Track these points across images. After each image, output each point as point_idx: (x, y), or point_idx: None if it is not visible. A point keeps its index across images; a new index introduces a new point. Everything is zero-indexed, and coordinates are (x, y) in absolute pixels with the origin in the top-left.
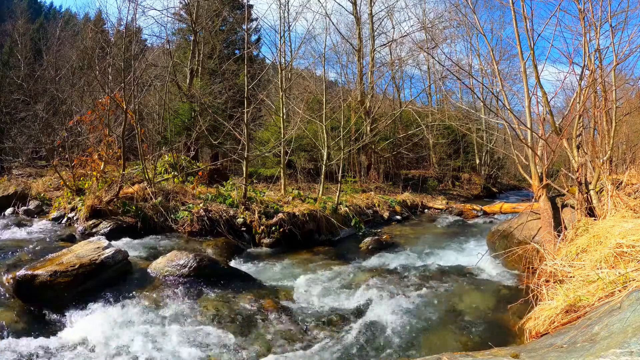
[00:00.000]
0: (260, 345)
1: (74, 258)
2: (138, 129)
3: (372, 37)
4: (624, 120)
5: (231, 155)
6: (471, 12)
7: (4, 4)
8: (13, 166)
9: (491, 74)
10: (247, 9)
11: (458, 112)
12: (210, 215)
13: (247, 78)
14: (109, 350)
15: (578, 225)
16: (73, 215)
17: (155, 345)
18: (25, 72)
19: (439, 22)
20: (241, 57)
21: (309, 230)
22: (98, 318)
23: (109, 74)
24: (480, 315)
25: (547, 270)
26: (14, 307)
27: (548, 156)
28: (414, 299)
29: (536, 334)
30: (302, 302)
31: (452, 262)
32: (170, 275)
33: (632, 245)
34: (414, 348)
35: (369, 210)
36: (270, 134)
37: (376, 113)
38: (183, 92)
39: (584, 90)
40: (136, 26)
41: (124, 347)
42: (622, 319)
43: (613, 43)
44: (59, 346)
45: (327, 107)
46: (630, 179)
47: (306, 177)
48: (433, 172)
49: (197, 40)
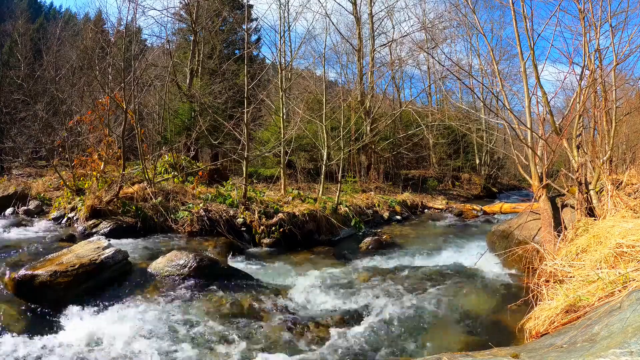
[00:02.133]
0: (260, 344)
1: (74, 258)
2: (138, 129)
3: (372, 37)
4: (624, 120)
5: (231, 155)
6: (471, 12)
7: (4, 4)
8: (13, 166)
9: (491, 74)
10: (247, 9)
11: (458, 112)
12: (210, 215)
13: (247, 78)
14: (109, 350)
15: (578, 225)
16: (73, 215)
17: (155, 344)
18: (25, 72)
19: (439, 22)
20: (241, 57)
21: (309, 230)
22: (98, 318)
23: (109, 74)
24: (480, 315)
25: (547, 270)
26: (14, 307)
27: (548, 156)
28: (414, 299)
29: (536, 334)
30: (302, 302)
31: (452, 262)
32: (170, 275)
33: (632, 245)
34: (414, 348)
35: (369, 210)
36: (270, 134)
37: (376, 113)
38: (183, 92)
39: (584, 90)
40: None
41: (124, 347)
42: (622, 319)
43: (613, 43)
44: (59, 346)
45: (327, 107)
46: (630, 179)
47: (306, 177)
48: (433, 172)
49: (197, 40)
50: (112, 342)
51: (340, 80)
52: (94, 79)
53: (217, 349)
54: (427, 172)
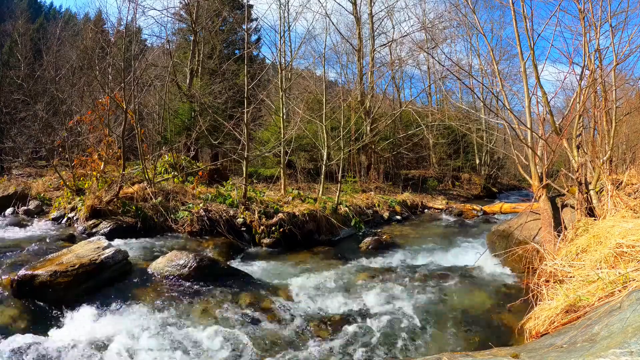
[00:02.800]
0: (260, 345)
1: (74, 258)
2: (138, 129)
3: (372, 37)
4: (624, 120)
5: (231, 155)
6: (471, 12)
7: (4, 4)
8: (13, 166)
9: (491, 74)
10: (247, 9)
11: (458, 112)
12: (210, 215)
13: (247, 78)
14: (108, 350)
15: (578, 225)
16: (73, 215)
17: (155, 344)
18: (25, 72)
19: (439, 22)
20: (241, 57)
21: (309, 230)
22: (98, 318)
23: (109, 74)
24: (480, 315)
25: (547, 270)
26: (14, 307)
27: (548, 156)
28: (414, 299)
29: (536, 334)
30: (302, 302)
31: (452, 262)
32: (170, 275)
33: (632, 245)
34: (414, 348)
35: (369, 210)
36: (270, 134)
37: (376, 113)
38: (183, 92)
39: (584, 90)
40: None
41: (124, 347)
42: (622, 319)
43: (613, 43)
44: (59, 346)
45: (327, 107)
46: (630, 179)
47: (306, 177)
48: (433, 172)
49: (197, 40)
50: (112, 342)
51: (340, 80)
52: (94, 79)
53: (217, 349)
54: (427, 172)
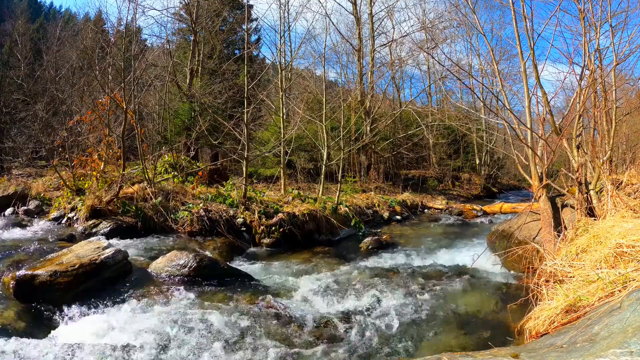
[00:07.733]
0: (260, 345)
1: (74, 258)
2: (138, 129)
3: (372, 37)
4: (624, 120)
5: (231, 155)
6: (471, 12)
7: (4, 4)
8: (13, 166)
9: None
10: (247, 9)
11: (458, 112)
12: (210, 215)
13: (247, 78)
14: (109, 350)
15: (578, 225)
16: (73, 215)
17: (155, 344)
18: (25, 72)
19: (439, 22)
20: (241, 57)
21: (309, 230)
22: (98, 318)
23: (109, 74)
24: (480, 315)
25: (547, 270)
26: (14, 307)
27: (548, 156)
28: (414, 299)
29: (536, 334)
30: (302, 302)
31: (452, 262)
32: (170, 275)
33: (632, 245)
34: (414, 348)
35: (369, 210)
36: (270, 134)
37: (376, 113)
38: (183, 92)
39: (584, 90)
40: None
41: (124, 347)
42: (622, 319)
43: (613, 43)
44: (59, 346)
45: (327, 107)
46: (630, 179)
47: (306, 177)
48: (433, 172)
49: (197, 40)
50: (112, 342)
51: (340, 80)
52: (94, 79)
53: (217, 349)
54: (427, 172)
